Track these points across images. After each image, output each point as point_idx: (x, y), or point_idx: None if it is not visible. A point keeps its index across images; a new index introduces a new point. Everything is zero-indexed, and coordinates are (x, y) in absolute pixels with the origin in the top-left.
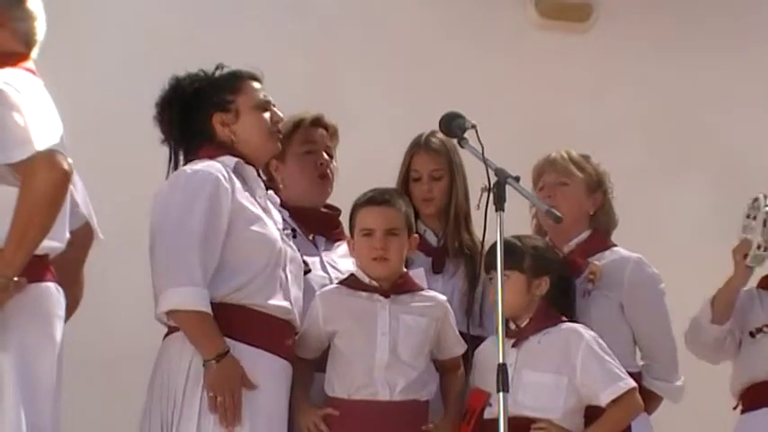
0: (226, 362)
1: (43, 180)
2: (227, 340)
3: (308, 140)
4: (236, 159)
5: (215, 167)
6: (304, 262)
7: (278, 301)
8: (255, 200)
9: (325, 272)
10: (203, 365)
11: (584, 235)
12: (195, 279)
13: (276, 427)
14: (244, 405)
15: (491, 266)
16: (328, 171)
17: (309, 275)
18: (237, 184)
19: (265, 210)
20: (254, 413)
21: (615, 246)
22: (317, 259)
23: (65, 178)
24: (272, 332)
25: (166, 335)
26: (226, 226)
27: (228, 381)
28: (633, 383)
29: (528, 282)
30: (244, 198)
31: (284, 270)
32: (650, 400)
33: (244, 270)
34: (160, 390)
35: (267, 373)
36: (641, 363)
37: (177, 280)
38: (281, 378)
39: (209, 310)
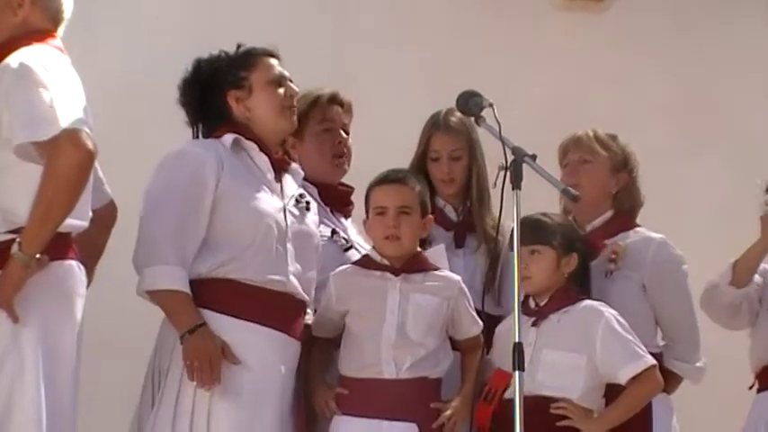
0: (200, 333)
1: (67, 159)
2: (212, 313)
3: (325, 118)
4: (234, 135)
5: (206, 146)
6: (345, 239)
7: (271, 275)
8: (256, 175)
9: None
10: (180, 342)
11: (608, 215)
12: (168, 258)
13: (266, 398)
14: (228, 376)
15: (524, 240)
16: (345, 149)
17: (351, 252)
18: (232, 161)
19: (269, 184)
20: (240, 384)
21: (639, 226)
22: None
23: (89, 157)
24: (265, 305)
25: None
26: (209, 204)
27: (203, 349)
28: (653, 361)
29: (558, 258)
30: (237, 175)
31: (283, 244)
32: (671, 380)
33: (230, 245)
34: (152, 364)
35: (256, 345)
36: (662, 343)
37: (151, 260)
38: (277, 350)
39: (181, 287)
